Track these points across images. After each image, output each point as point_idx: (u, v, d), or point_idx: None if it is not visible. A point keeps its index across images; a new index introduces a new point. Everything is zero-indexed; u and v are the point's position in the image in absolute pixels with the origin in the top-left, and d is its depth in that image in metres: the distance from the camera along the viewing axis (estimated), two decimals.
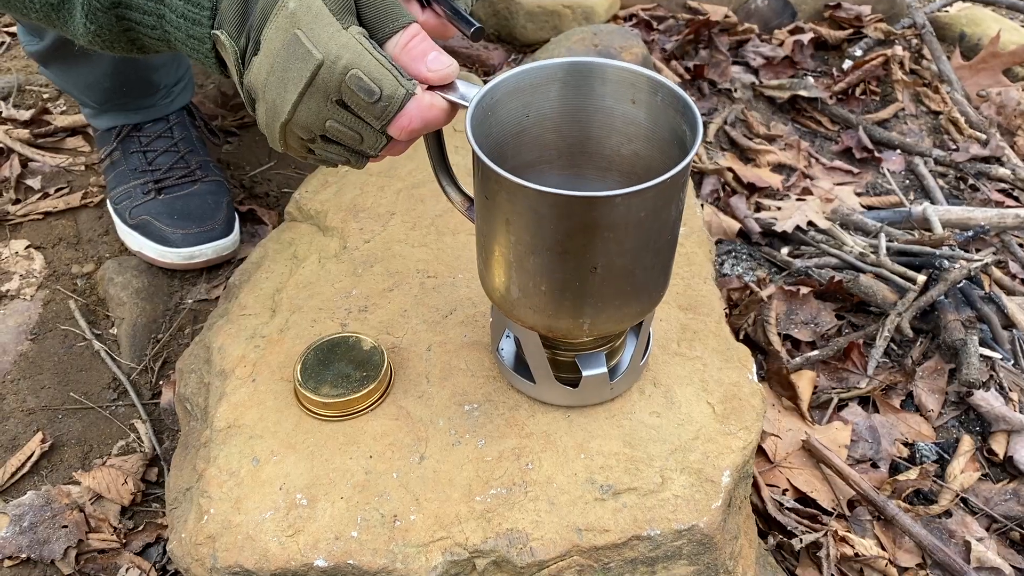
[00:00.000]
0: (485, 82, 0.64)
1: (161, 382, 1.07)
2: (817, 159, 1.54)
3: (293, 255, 0.91)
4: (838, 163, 1.54)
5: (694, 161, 1.42)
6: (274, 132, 0.59)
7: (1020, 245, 1.36)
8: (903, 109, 1.66)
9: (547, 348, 0.69)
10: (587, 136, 0.69)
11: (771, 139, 1.54)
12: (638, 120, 0.66)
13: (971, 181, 1.51)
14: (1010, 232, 1.35)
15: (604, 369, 0.69)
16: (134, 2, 0.60)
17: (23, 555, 0.90)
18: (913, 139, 1.60)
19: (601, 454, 0.69)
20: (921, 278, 1.16)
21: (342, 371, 0.74)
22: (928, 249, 1.21)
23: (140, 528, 0.94)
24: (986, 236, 1.34)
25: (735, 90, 1.63)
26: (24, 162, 1.35)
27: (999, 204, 1.45)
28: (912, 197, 1.49)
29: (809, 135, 1.60)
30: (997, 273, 1.28)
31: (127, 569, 0.89)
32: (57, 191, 1.31)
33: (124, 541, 0.92)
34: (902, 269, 1.18)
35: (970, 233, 1.31)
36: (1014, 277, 1.32)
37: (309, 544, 0.64)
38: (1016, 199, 1.47)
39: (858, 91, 1.68)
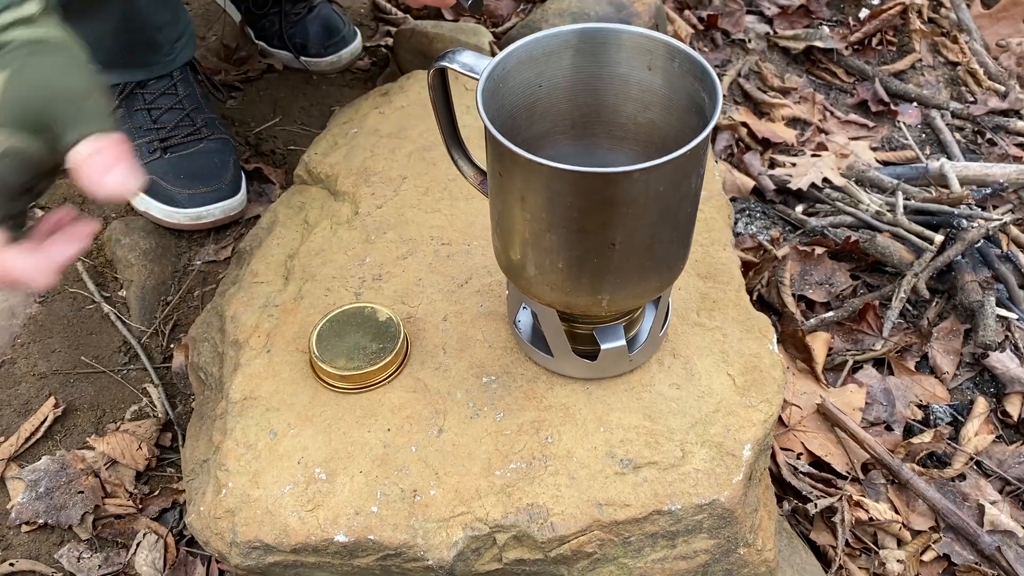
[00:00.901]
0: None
1: (172, 345, 1.06)
2: (832, 112, 1.51)
3: (304, 220, 0.89)
4: (853, 116, 1.51)
5: None
6: None
7: None
8: (920, 60, 1.62)
9: (564, 321, 0.68)
10: (602, 104, 0.67)
11: (785, 92, 1.51)
12: (654, 87, 0.64)
13: (988, 135, 1.48)
14: None
15: (623, 342, 0.68)
16: None
17: (40, 520, 0.90)
18: (930, 91, 1.57)
19: (621, 427, 0.68)
20: (939, 238, 1.15)
21: (358, 343, 0.73)
22: (946, 208, 1.19)
23: (156, 493, 0.94)
24: (1004, 193, 1.32)
25: (749, 40, 1.59)
26: None
27: (1017, 159, 1.42)
28: (928, 151, 1.46)
29: (824, 87, 1.57)
30: (1015, 231, 1.27)
31: (144, 534, 0.90)
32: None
33: (140, 506, 0.92)
34: (919, 229, 1.17)
35: (988, 190, 1.29)
36: None
37: (329, 519, 0.64)
38: None
39: (875, 41, 1.64)
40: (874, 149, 1.44)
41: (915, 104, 1.53)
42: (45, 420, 0.98)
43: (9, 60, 0.54)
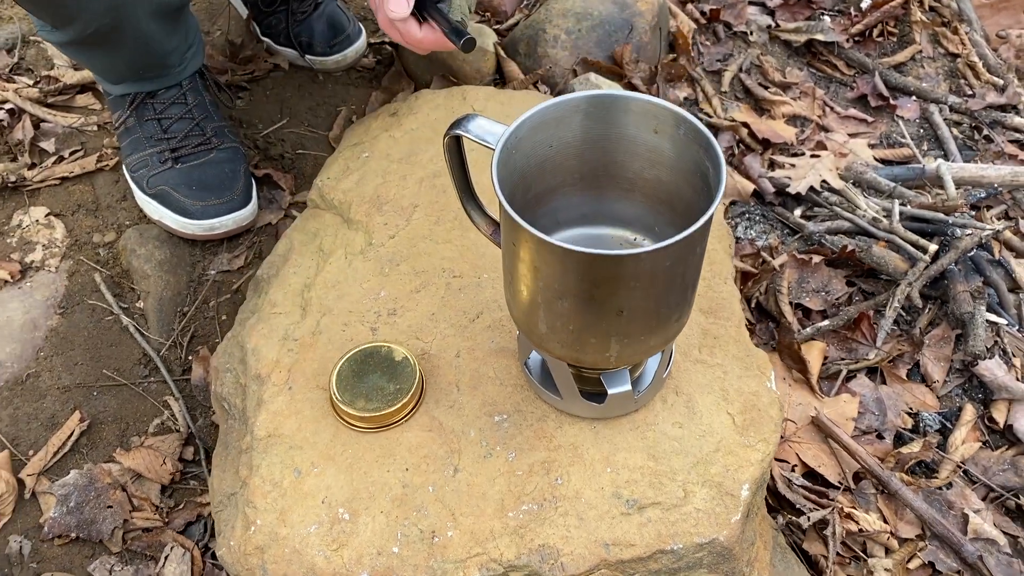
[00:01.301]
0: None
1: (191, 357, 1.10)
2: (832, 107, 1.53)
3: (319, 248, 0.92)
4: (853, 111, 1.52)
5: (708, 116, 1.42)
6: None
7: None
8: (920, 51, 1.63)
9: (572, 367, 0.72)
10: (611, 160, 0.70)
11: (786, 87, 1.53)
12: (661, 149, 0.67)
13: (985, 131, 1.50)
14: (1022, 189, 1.36)
15: (628, 387, 0.72)
16: None
17: (72, 535, 0.95)
18: (929, 84, 1.58)
19: (627, 467, 0.72)
20: (933, 247, 1.18)
21: (376, 383, 0.76)
22: (941, 216, 1.22)
23: (181, 506, 0.99)
24: (998, 195, 1.35)
25: (751, 33, 1.60)
26: (36, 123, 1.34)
27: (1012, 157, 1.45)
28: (926, 147, 1.49)
29: (824, 80, 1.58)
30: (1008, 235, 1.30)
31: (171, 548, 0.95)
32: (72, 154, 1.31)
33: (167, 520, 0.97)
34: (914, 237, 1.20)
35: (983, 193, 1.32)
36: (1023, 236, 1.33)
37: (353, 559, 0.69)
38: None
39: (875, 32, 1.64)
40: (872, 146, 1.46)
41: (914, 98, 1.55)
42: (72, 434, 1.03)
43: None
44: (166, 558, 0.94)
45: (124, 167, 1.24)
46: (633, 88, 1.41)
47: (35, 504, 0.98)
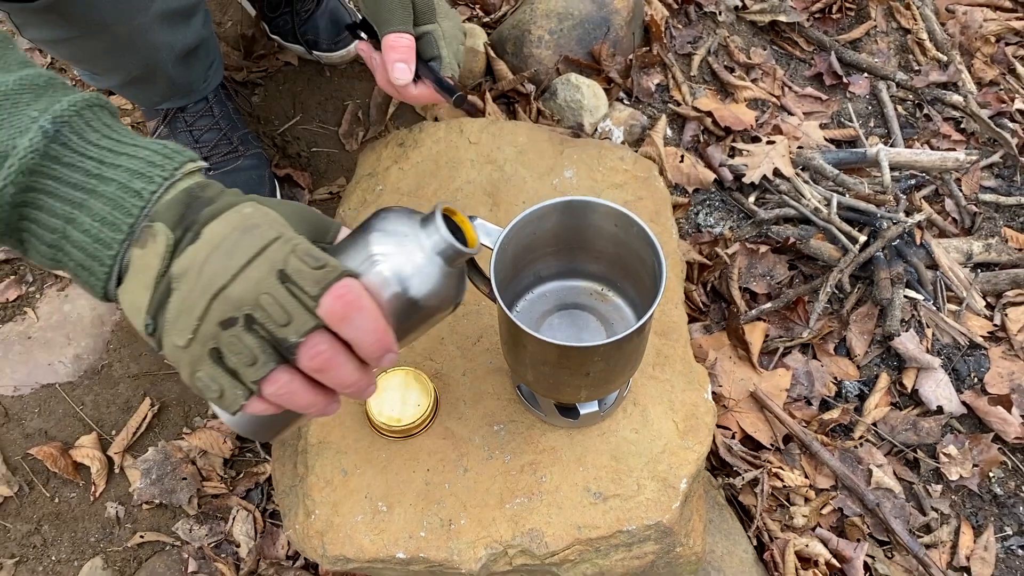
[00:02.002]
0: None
1: None
2: (790, 87, 1.69)
3: None
4: (809, 90, 1.69)
5: (677, 104, 1.59)
6: (192, 315, 0.53)
7: (956, 181, 1.57)
8: (875, 27, 1.78)
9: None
10: (582, 238, 0.90)
11: (749, 68, 1.68)
12: (619, 237, 0.86)
13: (926, 109, 1.67)
14: (950, 172, 1.55)
15: (596, 407, 0.94)
16: (45, 206, 0.56)
17: (156, 501, 1.19)
18: (881, 60, 1.74)
19: (595, 466, 0.96)
20: (863, 238, 1.38)
21: (404, 398, 0.98)
22: (872, 208, 1.41)
23: (241, 476, 1.22)
24: (928, 177, 1.54)
25: (719, 13, 1.74)
26: None
27: (946, 137, 1.63)
28: (872, 124, 1.66)
29: (785, 58, 1.74)
30: (932, 214, 1.50)
31: (237, 510, 1.19)
32: None
33: (231, 488, 1.21)
34: (847, 228, 1.40)
35: (913, 182, 1.51)
36: (947, 216, 1.54)
37: (391, 541, 0.93)
38: (963, 130, 1.65)
39: (835, 8, 1.78)
40: (824, 126, 1.64)
41: (865, 75, 1.72)
42: (145, 417, 1.25)
43: None
44: (233, 518, 1.19)
45: None
46: (610, 81, 1.57)
47: (123, 477, 1.22)
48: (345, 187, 1.46)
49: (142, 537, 1.17)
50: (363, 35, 0.94)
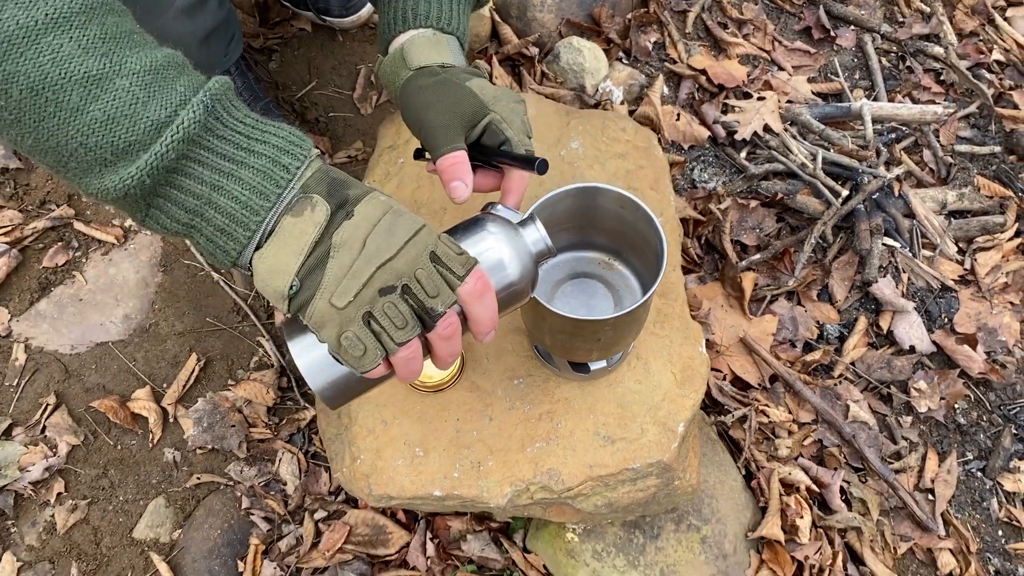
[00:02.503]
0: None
1: (272, 305, 1.43)
2: (780, 41, 1.78)
3: None
4: (799, 44, 1.78)
5: (673, 62, 1.67)
6: (358, 279, 0.62)
7: (934, 132, 1.67)
8: None
9: None
10: (591, 217, 1.01)
11: (741, 24, 1.76)
12: (624, 217, 0.98)
13: (909, 62, 1.77)
14: (928, 124, 1.65)
15: (605, 363, 1.07)
16: (194, 173, 0.62)
17: (209, 446, 1.33)
18: (867, 12, 1.82)
19: (603, 414, 1.09)
20: (845, 192, 1.49)
21: None
22: (855, 164, 1.52)
23: (284, 422, 1.36)
24: (907, 129, 1.64)
25: None
26: None
27: (926, 89, 1.73)
28: (857, 77, 1.76)
29: (776, 12, 1.81)
30: (912, 165, 1.61)
31: (282, 453, 1.33)
32: None
33: (275, 433, 1.35)
34: (831, 183, 1.51)
35: (893, 136, 1.62)
36: (925, 166, 1.65)
37: (428, 481, 1.07)
38: (942, 82, 1.75)
39: None
40: (812, 80, 1.73)
41: (852, 28, 1.80)
42: (193, 371, 1.38)
43: None
44: (279, 460, 1.33)
45: None
46: (609, 42, 1.66)
47: (177, 425, 1.35)
48: (362, 151, 1.56)
49: (198, 479, 1.31)
50: (427, 155, 0.94)
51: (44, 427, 1.32)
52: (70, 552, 1.26)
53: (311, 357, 0.68)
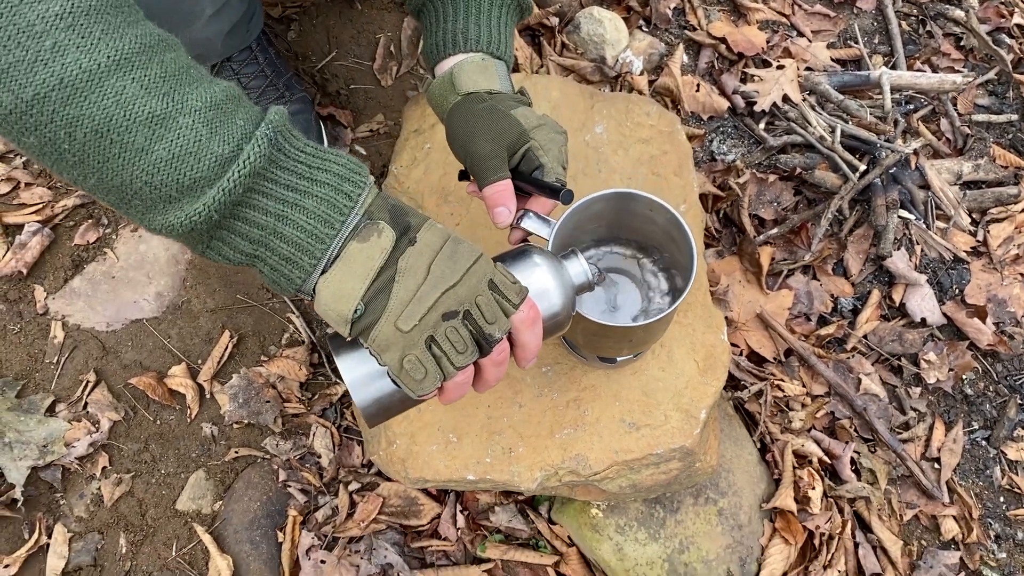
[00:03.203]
0: None
1: None
2: (800, 5, 1.76)
3: None
4: (819, 7, 1.77)
5: (692, 29, 1.67)
6: (423, 304, 0.65)
7: (952, 100, 1.68)
8: None
9: None
10: (622, 219, 1.04)
11: None
12: (654, 219, 1.01)
13: (929, 26, 1.76)
14: (947, 93, 1.66)
15: (631, 356, 1.12)
16: (259, 204, 0.64)
17: (246, 421, 1.38)
18: None
19: (628, 401, 1.14)
20: (862, 166, 1.51)
21: None
22: (872, 137, 1.54)
23: (316, 397, 1.41)
24: (925, 98, 1.65)
25: None
26: None
27: (945, 55, 1.72)
28: (877, 42, 1.75)
29: None
30: (929, 135, 1.62)
31: (316, 427, 1.39)
32: None
33: (309, 408, 1.40)
34: (849, 157, 1.53)
35: (911, 106, 1.62)
36: (942, 136, 1.66)
37: (461, 466, 1.12)
38: (962, 47, 1.74)
39: None
40: (831, 46, 1.73)
41: None
42: (227, 347, 1.42)
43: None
44: (313, 434, 1.38)
45: None
46: (629, 9, 1.65)
47: (214, 401, 1.40)
48: (383, 124, 1.57)
49: (236, 452, 1.37)
50: (471, 178, 0.97)
51: (86, 404, 1.37)
52: (117, 523, 1.33)
53: (359, 374, 0.71)
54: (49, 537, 1.31)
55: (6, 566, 1.29)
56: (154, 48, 0.61)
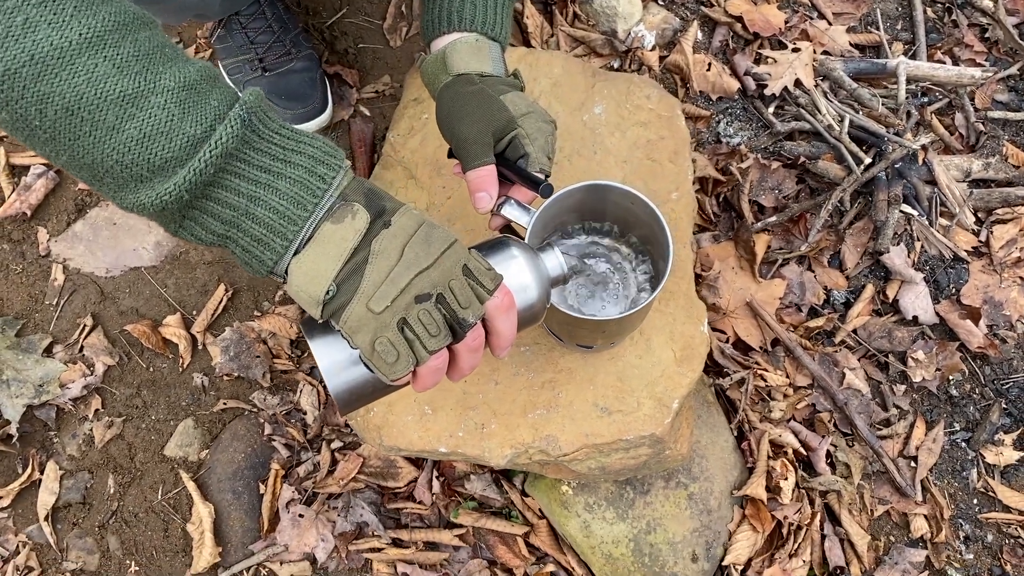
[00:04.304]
0: None
1: None
2: None
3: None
4: None
5: (708, 7, 1.64)
6: (396, 285, 0.65)
7: (969, 95, 1.64)
8: None
9: None
10: (601, 208, 1.04)
11: None
12: (634, 211, 1.01)
13: (955, 14, 1.71)
14: (965, 87, 1.62)
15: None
16: (231, 185, 0.64)
17: (235, 374, 1.42)
18: None
19: (603, 386, 1.15)
20: (867, 160, 1.49)
21: None
22: (881, 130, 1.51)
23: (305, 355, 1.44)
24: (941, 90, 1.61)
25: None
26: None
27: (968, 47, 1.68)
28: (899, 28, 1.71)
29: None
30: (941, 129, 1.60)
31: (303, 384, 1.42)
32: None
33: (297, 365, 1.43)
34: (855, 149, 1.50)
35: (925, 99, 1.59)
36: (955, 131, 1.63)
37: (435, 437, 1.15)
38: (986, 39, 1.70)
39: None
40: (851, 30, 1.69)
41: None
42: (221, 300, 1.45)
43: None
44: (300, 391, 1.42)
45: (221, 66, 1.52)
46: None
47: (206, 352, 1.44)
48: (389, 86, 1.57)
49: (224, 404, 1.41)
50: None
51: (82, 347, 1.41)
52: (107, 464, 1.38)
53: (333, 360, 0.70)
54: (41, 473, 1.36)
55: (0, 498, 1.35)
56: (128, 26, 0.61)
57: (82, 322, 1.42)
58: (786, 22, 1.66)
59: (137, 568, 1.33)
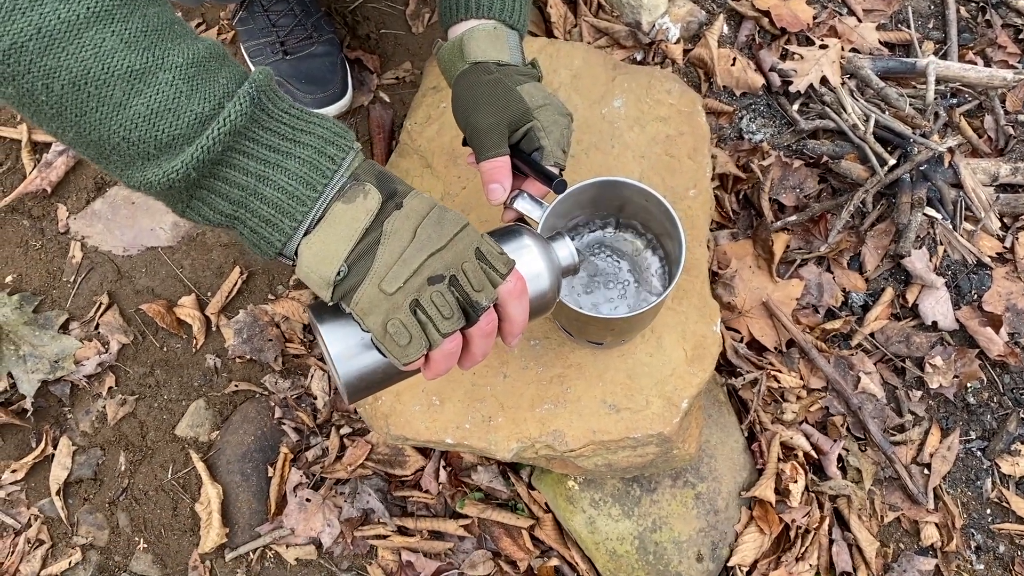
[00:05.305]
0: None
1: None
2: None
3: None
4: None
5: (735, 0, 1.62)
6: (408, 266, 0.64)
7: (1000, 97, 1.61)
8: None
9: None
10: (614, 204, 1.03)
11: None
12: (648, 208, 1.00)
13: (988, 14, 1.67)
14: (995, 90, 1.59)
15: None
16: (239, 164, 0.63)
17: (248, 356, 1.42)
18: None
19: (612, 383, 1.15)
20: (892, 161, 1.47)
21: None
22: (907, 131, 1.48)
23: (316, 340, 1.44)
24: (971, 92, 1.58)
25: None
26: None
27: (1001, 48, 1.65)
28: (931, 27, 1.68)
29: None
30: (969, 131, 1.57)
31: (314, 369, 1.42)
32: (196, 26, 1.58)
33: (309, 350, 1.43)
34: (880, 150, 1.48)
35: (954, 100, 1.56)
36: (983, 134, 1.60)
37: (441, 428, 1.15)
38: (1020, 40, 1.66)
39: None
40: (881, 27, 1.66)
41: None
42: (236, 283, 1.46)
43: None
44: (311, 376, 1.42)
45: (243, 49, 1.52)
46: None
47: (219, 334, 1.44)
48: (410, 72, 1.56)
49: (236, 386, 1.41)
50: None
51: (97, 324, 1.42)
52: (119, 442, 1.39)
53: (343, 345, 0.68)
54: (55, 448, 1.38)
55: (13, 471, 1.36)
56: (136, 1, 0.60)
57: (98, 300, 1.43)
58: (814, 18, 1.63)
59: (145, 545, 1.35)
